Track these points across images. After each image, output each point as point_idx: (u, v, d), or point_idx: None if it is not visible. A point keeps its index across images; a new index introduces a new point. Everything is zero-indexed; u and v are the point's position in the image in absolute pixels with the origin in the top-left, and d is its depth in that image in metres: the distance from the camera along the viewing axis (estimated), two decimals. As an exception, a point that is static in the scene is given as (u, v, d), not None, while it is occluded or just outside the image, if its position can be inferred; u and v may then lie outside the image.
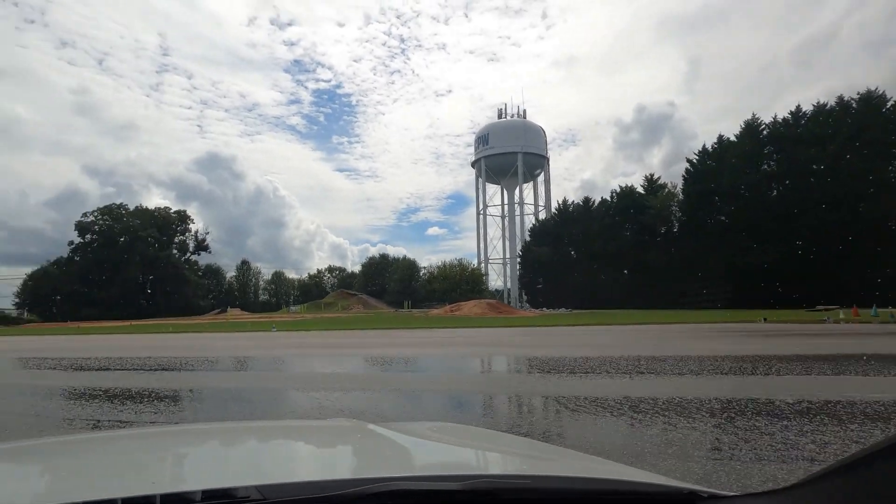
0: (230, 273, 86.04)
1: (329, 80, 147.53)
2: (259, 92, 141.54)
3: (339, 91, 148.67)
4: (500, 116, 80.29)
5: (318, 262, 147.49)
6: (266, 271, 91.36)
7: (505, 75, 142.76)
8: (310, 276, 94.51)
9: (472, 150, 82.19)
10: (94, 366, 11.32)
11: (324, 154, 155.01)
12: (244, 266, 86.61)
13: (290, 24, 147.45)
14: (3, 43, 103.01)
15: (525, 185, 78.67)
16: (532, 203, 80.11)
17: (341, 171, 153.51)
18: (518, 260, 69.20)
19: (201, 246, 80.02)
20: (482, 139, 78.66)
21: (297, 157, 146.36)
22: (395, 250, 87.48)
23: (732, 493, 0.90)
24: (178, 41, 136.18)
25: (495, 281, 79.49)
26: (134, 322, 44.54)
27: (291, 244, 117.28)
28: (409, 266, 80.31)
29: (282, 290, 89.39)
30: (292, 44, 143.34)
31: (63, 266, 68.80)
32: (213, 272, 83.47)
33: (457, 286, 60.59)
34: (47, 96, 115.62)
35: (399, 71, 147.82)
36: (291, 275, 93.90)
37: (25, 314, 66.25)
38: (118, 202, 74.19)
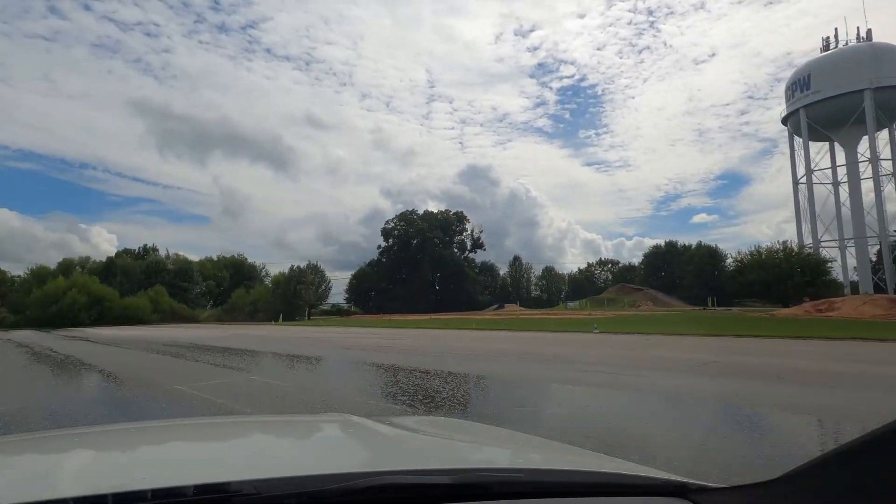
0: (502, 270, 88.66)
1: (572, 76, 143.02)
2: (508, 102, 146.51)
3: (583, 84, 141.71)
4: (825, 48, 59.98)
5: (571, 259, 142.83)
6: (536, 268, 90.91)
7: (798, 12, 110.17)
8: (580, 271, 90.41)
9: (747, 117, 63.51)
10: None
11: (571, 150, 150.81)
12: (516, 262, 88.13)
13: (532, 31, 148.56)
14: (329, 104, 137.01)
15: (879, 134, 56.28)
16: (892, 158, 56.88)
17: (590, 164, 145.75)
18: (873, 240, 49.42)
19: (477, 244, 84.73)
20: (799, 84, 59.81)
21: (545, 157, 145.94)
22: (655, 243, 74.87)
23: (721, 485, 0.92)
24: (440, 73, 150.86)
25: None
26: (434, 316, 47.98)
27: (544, 242, 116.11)
28: (708, 254, 67.28)
29: (553, 285, 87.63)
30: (535, 48, 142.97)
31: (374, 267, 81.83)
32: (488, 269, 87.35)
33: (787, 277, 46.04)
34: (356, 139, 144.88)
35: (648, 47, 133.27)
36: (562, 270, 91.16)
37: (351, 307, 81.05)
38: (409, 209, 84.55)
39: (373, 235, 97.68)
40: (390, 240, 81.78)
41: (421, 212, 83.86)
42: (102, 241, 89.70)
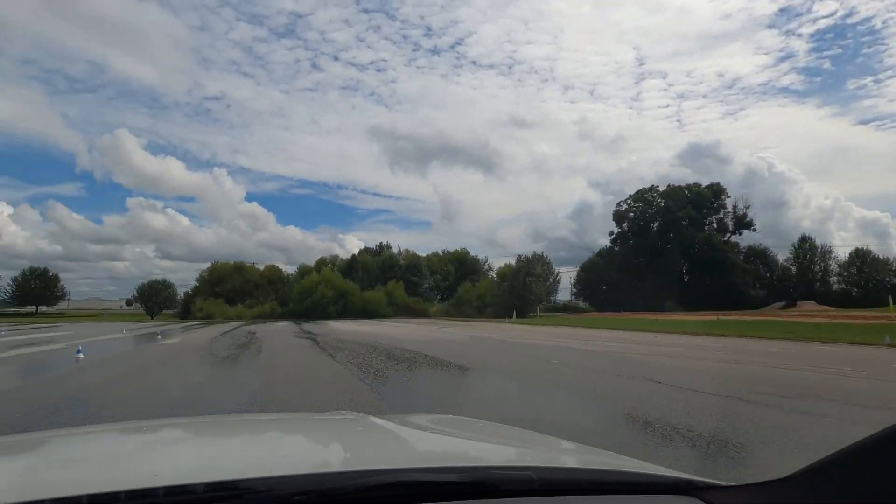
0: (781, 256, 67.07)
1: (833, 13, 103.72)
2: (738, 63, 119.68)
3: (849, 21, 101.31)
4: None
5: (840, 244, 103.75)
6: (839, 251, 66.16)
7: None
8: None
9: None
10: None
11: (835, 108, 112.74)
12: (804, 244, 65.24)
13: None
14: (531, 102, 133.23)
15: None
16: None
17: (866, 122, 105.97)
18: None
19: (742, 223, 66.05)
20: None
21: (794, 122, 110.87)
22: None
23: (729, 483, 0.92)
24: (650, 48, 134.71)
25: None
26: (697, 315, 35.45)
27: (799, 225, 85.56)
28: None
29: (870, 275, 61.37)
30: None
31: (605, 257, 70.94)
32: (758, 254, 67.19)
33: None
34: (559, 132, 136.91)
35: None
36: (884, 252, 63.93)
37: (580, 303, 71.75)
38: (649, 185, 70.67)
39: (581, 230, 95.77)
40: (624, 224, 69.77)
41: (663, 188, 69.14)
42: (353, 246, 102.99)
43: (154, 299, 72.70)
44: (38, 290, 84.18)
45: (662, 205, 66.66)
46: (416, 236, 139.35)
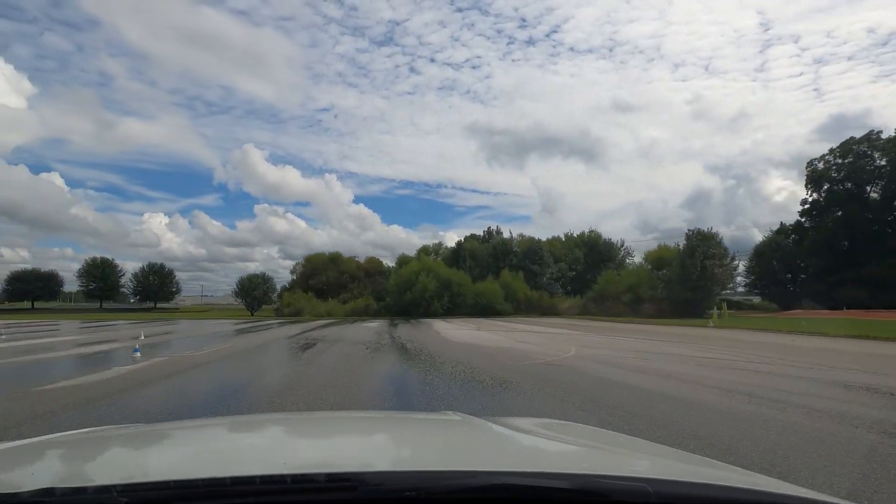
0: None
1: None
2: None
3: None
4: None
5: None
6: None
7: None
8: None
9: None
10: None
11: None
12: None
13: None
14: (636, 84, 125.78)
15: None
16: None
17: None
18: None
19: None
20: None
21: None
22: None
23: None
24: (778, 9, 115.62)
25: None
26: None
27: None
28: None
29: None
30: None
31: (791, 235, 52.61)
32: None
33: None
34: (670, 114, 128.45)
35: None
36: None
37: (755, 298, 54.42)
38: (865, 133, 50.33)
39: (698, 218, 77.62)
40: (822, 190, 50.87)
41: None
42: (455, 243, 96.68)
43: (253, 294, 68.71)
44: (155, 286, 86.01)
45: (881, 163, 47.06)
46: (515, 231, 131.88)
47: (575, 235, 63.76)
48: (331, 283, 55.86)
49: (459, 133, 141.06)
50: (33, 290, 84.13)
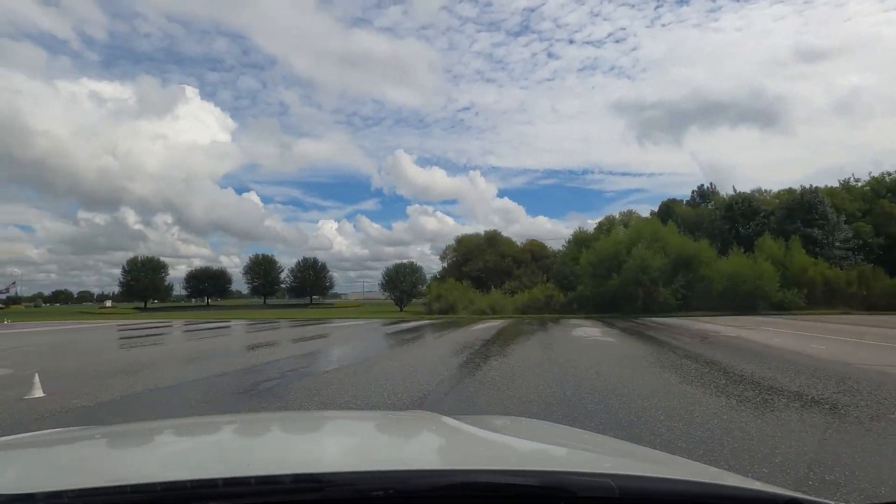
0: None
1: None
2: None
3: None
4: None
5: None
6: None
7: None
8: None
9: None
10: None
11: None
12: None
13: None
14: (826, 25, 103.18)
15: None
16: None
17: None
18: None
19: None
20: None
21: None
22: None
23: (839, 502, 0.90)
24: None
25: None
26: None
27: None
28: None
29: None
30: None
31: None
32: None
33: None
34: (878, 54, 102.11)
35: None
36: None
37: None
38: None
39: None
40: None
41: None
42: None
43: (401, 286, 59.16)
44: (311, 281, 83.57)
45: None
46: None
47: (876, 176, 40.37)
48: (489, 270, 42.49)
49: (604, 113, 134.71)
50: (207, 287, 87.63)
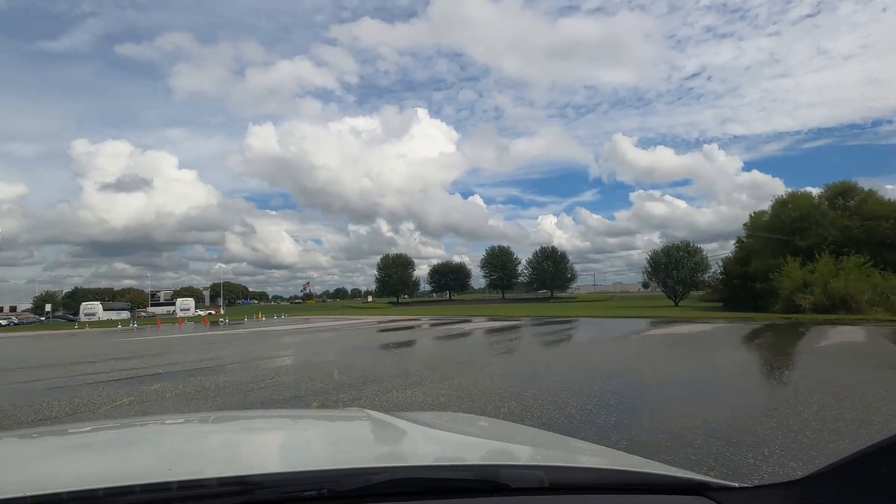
0: None
1: None
2: None
3: None
4: None
5: None
6: None
7: None
8: None
9: None
10: None
11: None
12: None
13: None
14: None
15: None
16: None
17: None
18: None
19: None
20: None
21: None
22: None
23: (744, 485, 0.90)
24: None
25: None
26: None
27: None
28: None
29: None
30: None
31: None
32: None
33: None
34: None
35: None
36: None
37: None
38: None
39: None
40: None
41: None
42: None
43: (678, 273, 47.36)
44: (549, 273, 77.15)
45: None
46: None
47: None
48: (853, 240, 27.89)
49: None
50: (448, 282, 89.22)
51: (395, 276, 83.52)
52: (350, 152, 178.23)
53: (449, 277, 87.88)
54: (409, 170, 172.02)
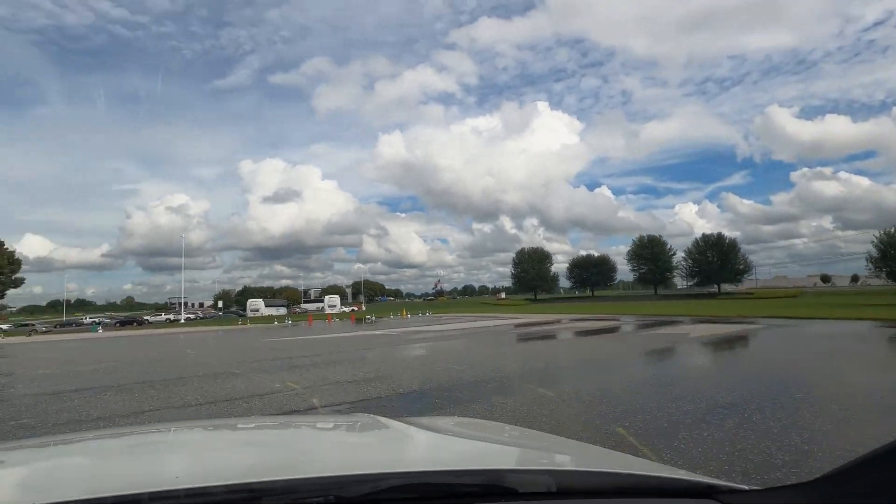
0: None
1: None
2: None
3: None
4: None
5: None
6: None
7: None
8: None
9: None
10: None
11: None
12: None
13: None
14: None
15: None
16: None
17: None
18: None
19: None
20: None
21: None
22: None
23: (752, 487, 0.90)
24: None
25: None
26: None
27: None
28: None
29: None
30: None
31: None
32: None
33: None
34: None
35: None
36: None
37: None
38: None
39: None
40: None
41: None
42: None
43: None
44: (715, 265, 66.25)
45: None
46: None
47: None
48: None
49: None
50: (591, 276, 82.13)
51: (531, 272, 79.07)
52: (472, 152, 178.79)
53: (592, 272, 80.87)
54: (531, 165, 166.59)
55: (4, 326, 48.50)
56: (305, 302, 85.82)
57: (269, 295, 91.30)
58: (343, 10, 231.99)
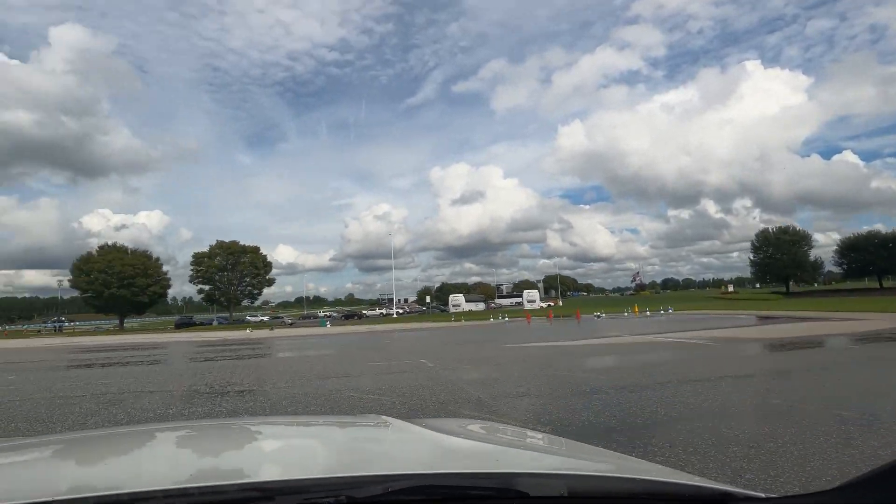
0: None
1: None
2: None
3: None
4: None
5: None
6: None
7: None
8: None
9: None
10: None
11: None
12: None
13: None
14: None
15: None
16: None
17: None
18: None
19: None
20: None
21: None
22: None
23: (770, 495, 0.88)
24: None
25: None
26: None
27: None
28: None
29: None
30: None
31: None
32: None
33: None
34: None
35: None
36: None
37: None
38: None
39: None
40: None
41: None
42: None
43: None
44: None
45: None
46: None
47: None
48: None
49: None
50: (877, 261, 60.62)
51: (783, 258, 61.86)
52: (662, 131, 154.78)
53: (881, 255, 59.55)
54: (740, 136, 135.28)
55: (265, 318, 56.69)
56: (499, 297, 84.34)
57: (463, 291, 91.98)
58: (516, 8, 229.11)
